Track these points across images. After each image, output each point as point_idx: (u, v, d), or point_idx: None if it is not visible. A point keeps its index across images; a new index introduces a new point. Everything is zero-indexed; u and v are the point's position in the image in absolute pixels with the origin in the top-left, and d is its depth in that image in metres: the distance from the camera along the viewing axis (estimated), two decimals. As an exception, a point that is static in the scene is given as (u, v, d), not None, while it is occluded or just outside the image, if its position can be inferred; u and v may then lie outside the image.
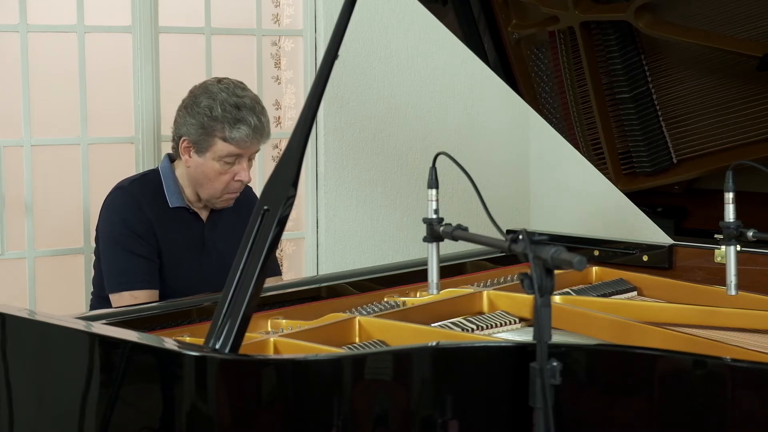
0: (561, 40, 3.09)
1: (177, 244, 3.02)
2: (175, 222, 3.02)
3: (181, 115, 3.00)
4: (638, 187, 3.19)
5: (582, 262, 1.61)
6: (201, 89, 3.00)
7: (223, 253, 3.04)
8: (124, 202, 2.99)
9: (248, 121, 2.92)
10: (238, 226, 3.09)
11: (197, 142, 2.96)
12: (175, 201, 3.02)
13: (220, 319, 1.89)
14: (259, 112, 2.96)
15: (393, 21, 4.28)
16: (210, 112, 2.93)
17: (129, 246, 2.94)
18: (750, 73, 2.84)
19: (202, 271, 3.04)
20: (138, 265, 2.94)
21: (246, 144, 2.94)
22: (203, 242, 3.07)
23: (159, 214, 2.99)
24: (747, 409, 1.94)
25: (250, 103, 2.96)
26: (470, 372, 1.96)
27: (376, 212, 4.31)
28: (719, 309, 2.53)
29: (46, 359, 2.09)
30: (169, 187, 3.03)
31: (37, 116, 3.68)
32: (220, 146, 2.94)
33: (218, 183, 2.99)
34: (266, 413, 1.86)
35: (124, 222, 2.96)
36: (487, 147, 4.57)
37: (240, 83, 3.03)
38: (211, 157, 2.96)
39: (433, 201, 2.16)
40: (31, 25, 3.62)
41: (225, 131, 2.92)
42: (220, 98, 2.94)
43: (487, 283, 2.82)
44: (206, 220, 3.08)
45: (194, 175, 3.01)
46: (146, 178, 3.07)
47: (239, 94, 2.97)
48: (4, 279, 3.71)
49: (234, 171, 2.97)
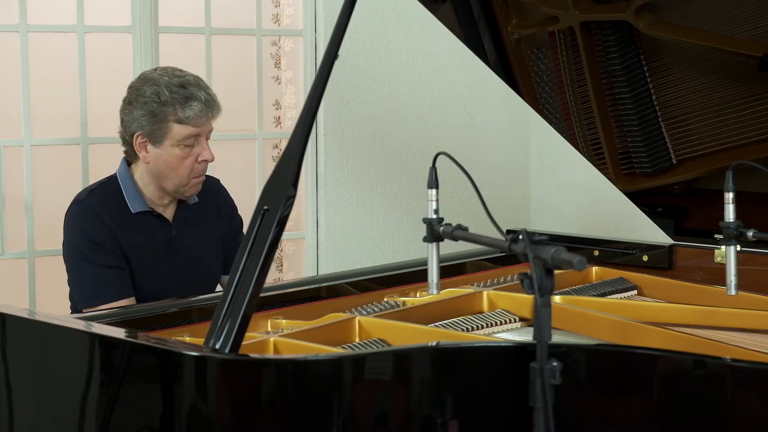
0: (561, 40, 3.09)
1: (143, 250, 2.94)
2: (139, 228, 2.94)
3: (127, 112, 2.92)
4: (638, 187, 3.19)
5: (582, 262, 1.61)
6: (140, 81, 2.94)
7: (193, 251, 2.99)
8: (83, 215, 2.92)
9: (198, 96, 2.86)
10: (207, 218, 3.05)
11: (151, 132, 2.88)
12: (137, 206, 2.94)
13: (220, 319, 1.89)
14: (205, 87, 2.91)
15: (393, 21, 4.28)
16: (158, 97, 2.86)
17: (95, 258, 2.88)
18: (750, 73, 2.84)
19: (174, 271, 2.97)
20: (107, 276, 2.87)
21: (201, 120, 2.87)
22: (171, 243, 2.99)
23: (120, 222, 2.91)
24: (747, 409, 1.94)
25: (193, 80, 2.90)
26: (470, 372, 1.96)
27: (376, 212, 4.31)
28: (719, 309, 2.53)
29: (46, 359, 2.09)
30: (128, 192, 2.94)
31: (37, 116, 3.68)
32: (176, 130, 2.87)
33: (182, 169, 2.90)
34: (266, 413, 1.86)
35: (86, 235, 2.89)
36: (487, 147, 4.57)
37: (176, 68, 2.96)
38: (170, 144, 2.88)
39: (433, 201, 2.16)
40: (31, 25, 3.62)
41: (177, 112, 2.85)
42: (164, 82, 2.88)
43: (487, 283, 2.82)
44: (172, 219, 3.00)
45: (156, 169, 2.92)
46: (104, 186, 2.98)
47: (179, 74, 2.91)
48: (4, 279, 3.71)
49: (195, 153, 2.90)
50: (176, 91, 2.86)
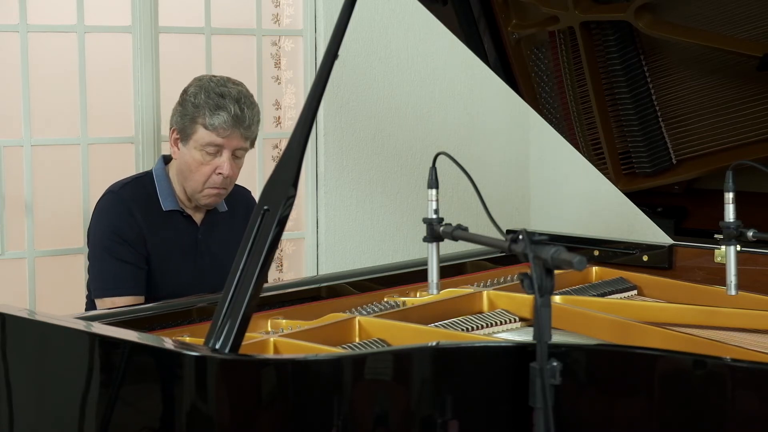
0: (561, 40, 3.09)
1: (170, 248, 2.97)
2: (167, 226, 2.98)
3: (175, 107, 2.99)
4: (638, 187, 3.19)
5: (582, 262, 1.61)
6: (193, 81, 2.99)
7: (218, 256, 3.02)
8: (115, 206, 2.95)
9: (228, 108, 2.88)
10: (234, 228, 3.07)
11: (182, 129, 2.93)
12: (169, 204, 2.98)
13: (220, 319, 1.89)
14: (244, 104, 2.91)
15: (393, 21, 4.28)
16: (194, 98, 2.91)
17: (116, 252, 2.90)
18: (750, 73, 2.84)
19: (197, 274, 3.01)
20: (124, 271, 2.90)
21: (225, 132, 2.88)
22: (197, 245, 3.02)
23: (151, 219, 2.95)
24: (747, 409, 1.94)
25: (236, 95, 2.92)
26: (470, 372, 1.96)
27: (376, 212, 4.31)
28: (719, 309, 2.53)
29: (46, 359, 2.09)
30: (162, 190, 2.99)
31: (37, 116, 3.68)
32: (201, 134, 2.90)
33: (198, 175, 2.93)
34: (266, 413, 1.86)
35: (113, 228, 2.92)
36: (487, 147, 4.57)
37: (237, 82, 2.99)
38: (193, 145, 2.91)
39: (433, 201, 2.16)
40: (31, 25, 3.62)
41: (206, 117, 2.88)
42: (207, 86, 2.92)
43: (487, 283, 2.82)
44: (200, 223, 3.04)
45: (180, 167, 2.97)
46: (139, 182, 3.02)
47: (228, 86, 2.94)
48: (4, 279, 3.71)
49: (215, 163, 2.91)
50: (212, 97, 2.90)
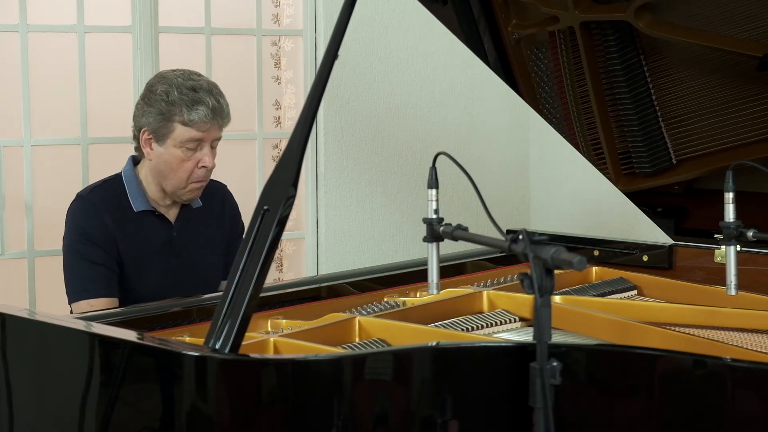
0: (561, 40, 3.09)
1: (143, 249, 2.95)
2: (140, 227, 2.95)
3: (139, 107, 2.94)
4: (638, 187, 3.19)
5: (582, 262, 1.61)
6: (156, 78, 2.96)
7: (193, 253, 3.00)
8: (83, 211, 2.93)
9: (206, 101, 2.86)
10: (209, 224, 3.05)
11: (156, 130, 2.89)
12: (140, 205, 2.95)
13: (220, 319, 1.89)
14: (217, 94, 2.91)
15: (393, 21, 4.28)
16: (167, 96, 2.87)
17: (86, 255, 2.89)
18: (750, 73, 2.84)
19: (173, 273, 2.98)
20: (95, 273, 2.88)
21: (205, 126, 2.88)
22: (171, 244, 2.99)
23: (121, 221, 2.93)
24: (747, 409, 1.94)
25: (206, 86, 2.91)
26: (470, 372, 1.96)
27: (376, 212, 4.31)
28: (719, 309, 2.53)
29: (46, 359, 2.09)
30: (132, 191, 2.96)
31: (37, 116, 3.68)
32: (180, 131, 2.88)
33: (181, 171, 2.91)
34: (266, 413, 1.86)
35: (82, 231, 2.90)
36: (487, 147, 4.57)
37: (195, 71, 2.98)
38: (172, 144, 2.89)
39: (433, 201, 2.16)
40: (31, 25, 3.62)
41: (183, 114, 2.86)
42: (176, 83, 2.89)
43: (487, 283, 2.82)
44: (174, 220, 3.01)
45: (157, 167, 2.93)
46: (108, 185, 3.00)
47: (194, 78, 2.93)
48: (4, 279, 3.71)
49: (197, 158, 2.90)
50: (186, 93, 2.87)
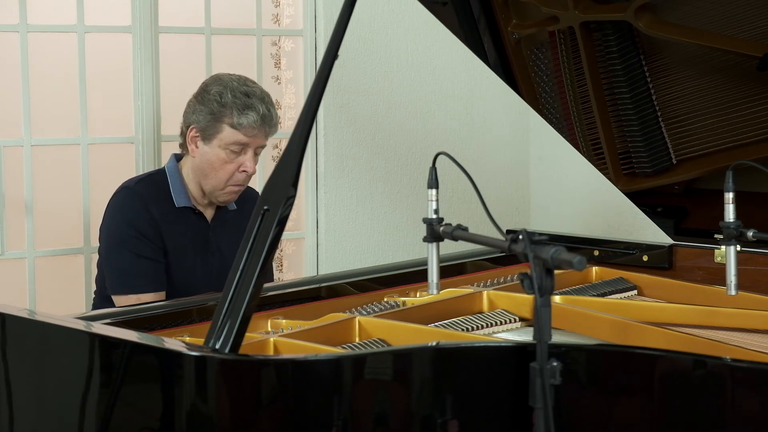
0: (561, 40, 3.09)
1: (182, 244, 3.02)
2: (180, 222, 3.02)
3: (192, 104, 3.02)
4: (638, 187, 3.19)
5: (582, 262, 1.61)
6: (212, 79, 3.04)
7: (226, 254, 3.04)
8: (131, 202, 2.98)
9: (257, 108, 2.94)
10: (243, 227, 3.07)
11: (205, 128, 2.97)
12: (182, 201, 3.02)
13: (220, 319, 1.89)
14: (269, 103, 2.99)
15: (393, 21, 4.28)
16: (220, 98, 2.95)
17: (135, 248, 2.94)
18: (750, 73, 2.84)
19: (206, 271, 3.04)
20: (145, 267, 2.94)
21: (253, 131, 2.95)
22: (207, 242, 3.06)
23: (165, 214, 2.99)
24: (747, 409, 1.94)
25: (259, 94, 2.99)
26: (470, 372, 1.96)
27: (376, 212, 4.31)
28: (719, 309, 2.53)
29: (46, 359, 2.09)
30: (175, 186, 3.03)
31: (37, 116, 3.68)
32: (227, 133, 2.95)
33: (222, 173, 2.98)
34: (266, 413, 1.86)
35: (131, 223, 2.95)
36: (487, 147, 4.57)
37: (250, 79, 3.06)
38: (218, 144, 2.96)
39: (433, 201, 2.16)
40: (31, 25, 3.62)
41: (233, 117, 2.93)
42: (231, 86, 2.97)
43: (487, 283, 2.82)
44: (211, 220, 3.08)
45: (199, 166, 3.00)
46: (152, 178, 3.07)
47: (249, 84, 3.01)
48: (4, 279, 3.71)
49: (239, 161, 2.97)
50: (239, 97, 2.94)
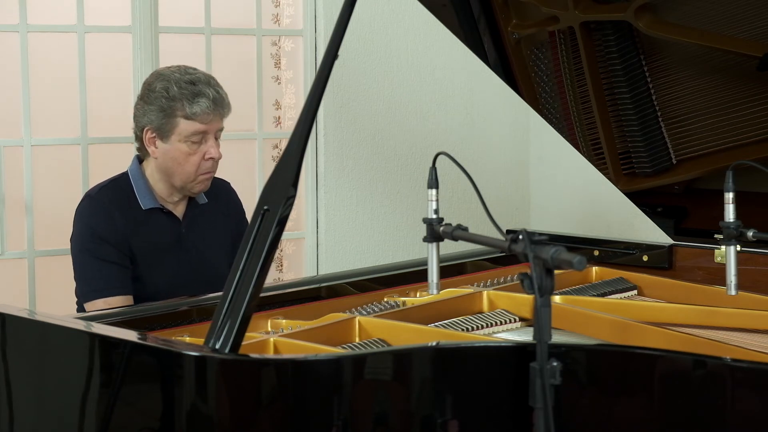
0: (561, 40, 3.09)
1: (153, 247, 2.96)
2: (149, 224, 2.97)
3: (139, 107, 2.96)
4: (638, 187, 3.19)
5: (582, 262, 1.61)
6: (153, 76, 2.98)
7: (202, 250, 3.01)
8: (93, 210, 2.94)
9: (206, 93, 2.89)
10: (215, 220, 3.07)
11: (160, 127, 2.91)
12: (148, 203, 2.97)
13: (220, 319, 1.89)
14: (215, 85, 2.94)
15: (393, 21, 4.28)
16: (167, 93, 2.90)
17: (99, 253, 2.89)
18: (750, 73, 2.85)
19: (182, 269, 2.99)
20: (109, 271, 2.89)
21: (208, 117, 2.90)
22: (180, 241, 3.01)
23: (131, 219, 2.94)
24: (747, 409, 1.94)
25: (204, 78, 2.94)
26: (470, 372, 1.96)
27: (376, 212, 4.31)
28: (719, 309, 2.53)
29: (46, 359, 2.09)
30: (139, 189, 2.97)
31: (37, 116, 3.68)
32: (183, 125, 2.90)
33: (189, 166, 2.93)
34: (266, 413, 1.86)
35: (92, 229, 2.91)
36: (487, 147, 4.57)
37: (190, 66, 3.00)
38: (177, 139, 2.91)
39: (433, 201, 2.16)
40: (31, 25, 3.62)
41: (185, 108, 2.88)
42: (174, 78, 2.91)
43: (487, 283, 2.82)
44: (182, 217, 3.03)
45: (164, 164, 2.95)
46: (115, 184, 3.01)
47: (191, 72, 2.95)
48: (4, 279, 3.71)
49: (202, 150, 2.92)
50: (185, 87, 2.90)
